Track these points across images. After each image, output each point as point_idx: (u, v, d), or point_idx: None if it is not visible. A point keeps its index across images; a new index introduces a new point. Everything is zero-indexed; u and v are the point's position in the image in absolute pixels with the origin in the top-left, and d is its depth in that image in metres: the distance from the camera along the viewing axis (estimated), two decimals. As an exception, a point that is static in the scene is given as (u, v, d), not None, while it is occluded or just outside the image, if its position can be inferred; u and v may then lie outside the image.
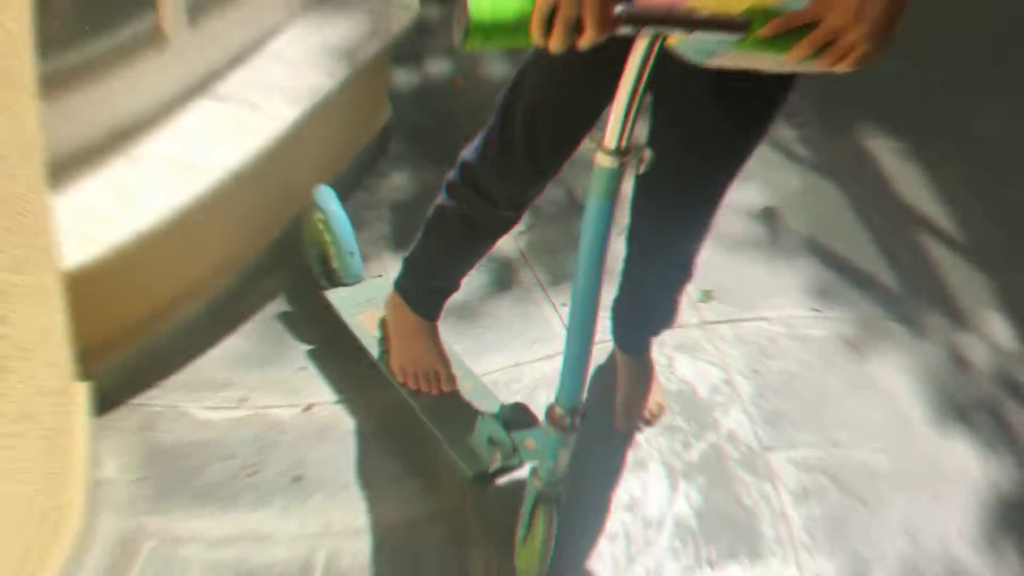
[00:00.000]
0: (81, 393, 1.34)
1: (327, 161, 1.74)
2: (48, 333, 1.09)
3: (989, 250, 1.95)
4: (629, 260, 1.34)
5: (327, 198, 1.55)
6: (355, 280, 1.58)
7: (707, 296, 1.65)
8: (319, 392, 1.47)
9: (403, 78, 2.07)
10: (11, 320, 0.88)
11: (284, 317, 1.58)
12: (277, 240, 1.64)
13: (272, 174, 1.51)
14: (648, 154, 0.97)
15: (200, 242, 1.46)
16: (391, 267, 1.56)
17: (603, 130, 0.95)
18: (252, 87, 1.51)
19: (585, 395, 1.10)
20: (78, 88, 1.27)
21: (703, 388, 1.49)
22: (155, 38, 1.37)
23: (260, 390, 1.46)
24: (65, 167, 1.27)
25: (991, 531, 1.45)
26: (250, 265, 1.60)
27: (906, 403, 1.59)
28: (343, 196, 1.61)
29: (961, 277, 1.88)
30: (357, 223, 1.61)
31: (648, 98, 0.97)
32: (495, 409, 1.40)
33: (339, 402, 1.46)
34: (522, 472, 1.31)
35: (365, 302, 1.56)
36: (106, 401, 1.42)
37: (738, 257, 1.74)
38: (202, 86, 1.47)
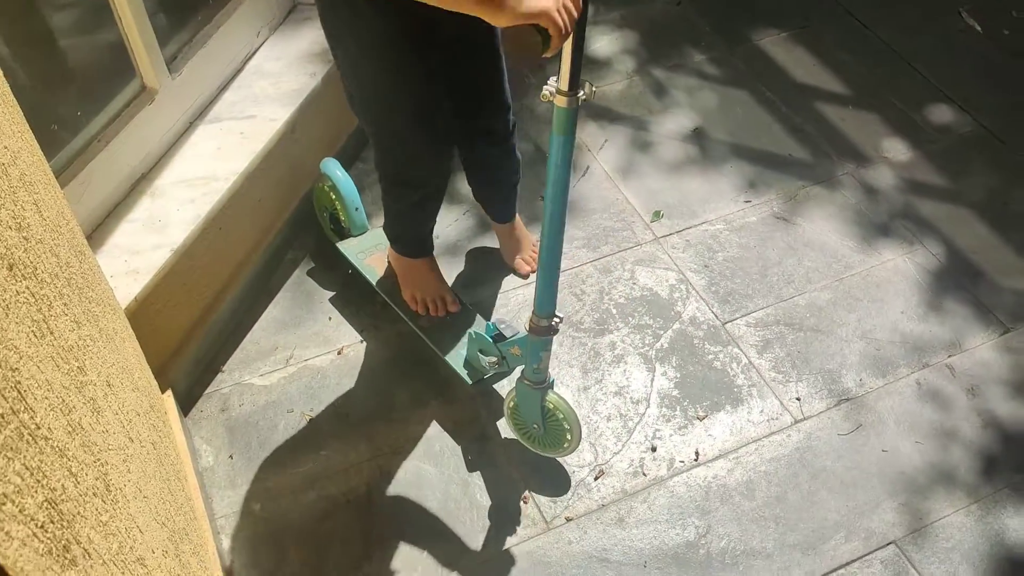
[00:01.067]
0: (167, 403, 1.54)
1: (326, 144, 1.99)
2: (125, 365, 1.21)
3: (869, 91, 2.36)
4: (463, 149, 1.71)
5: (332, 166, 1.83)
6: (362, 231, 1.89)
7: (657, 215, 2.09)
8: (347, 336, 1.82)
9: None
10: (89, 367, 0.94)
11: (308, 280, 1.91)
12: (291, 218, 1.91)
13: (279, 165, 1.78)
14: (591, 86, 1.21)
15: (228, 239, 1.70)
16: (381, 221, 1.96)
17: (557, 76, 1.19)
18: (243, 102, 1.77)
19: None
20: (89, 160, 1.49)
21: (663, 290, 1.93)
22: (145, 95, 1.60)
23: (300, 346, 1.80)
24: (97, 224, 1.54)
25: (929, 301, 1.90)
26: (273, 244, 1.87)
27: (836, 244, 2.03)
28: (345, 168, 1.98)
29: (855, 123, 2.29)
30: (359, 188, 1.99)
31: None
32: (483, 327, 1.66)
33: (362, 341, 1.81)
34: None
35: (372, 247, 1.88)
36: (188, 399, 1.69)
37: (678, 177, 2.18)
38: (198, 114, 1.73)
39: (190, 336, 1.67)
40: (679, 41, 2.50)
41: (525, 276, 1.93)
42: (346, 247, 1.88)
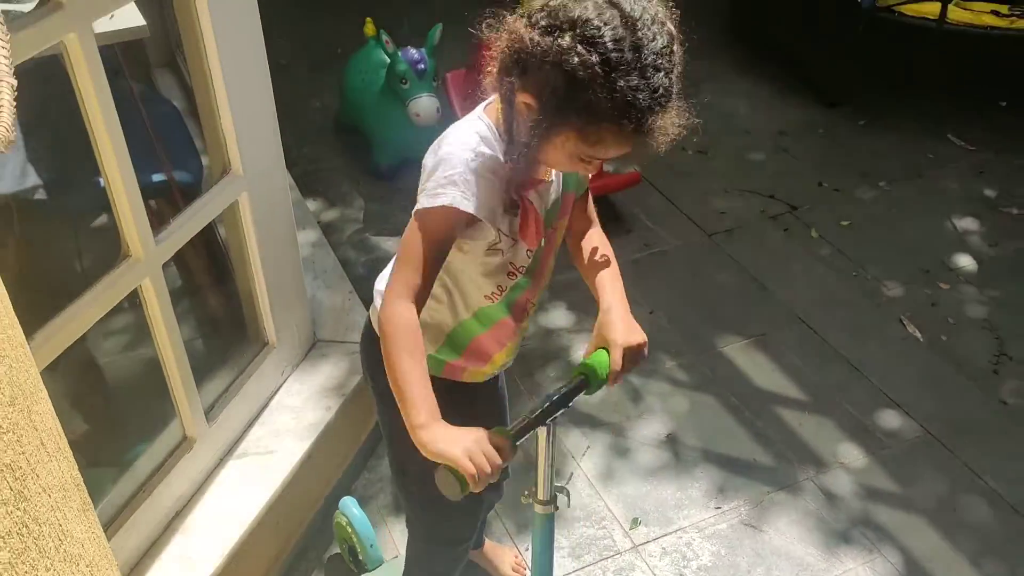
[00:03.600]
0: None
1: (338, 461, 2.20)
2: None
3: (824, 397, 2.62)
4: None
5: (349, 505, 2.02)
6: (377, 565, 2.05)
7: (635, 523, 2.27)
8: None
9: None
10: None
11: None
12: (305, 532, 2.10)
13: (295, 490, 1.96)
14: (568, 492, 1.36)
15: (249, 563, 1.85)
16: (393, 529, 2.18)
17: (535, 486, 1.34)
18: (267, 437, 1.99)
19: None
20: (134, 511, 1.68)
21: None
22: (185, 444, 1.82)
23: None
24: (133, 566, 1.69)
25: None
26: (288, 560, 2.04)
27: (801, 552, 2.21)
28: (353, 479, 2.21)
29: (813, 428, 2.54)
30: (366, 498, 2.22)
31: None
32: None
33: None
34: None
35: None
36: None
37: (655, 483, 2.39)
38: (227, 451, 1.93)
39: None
40: (653, 348, 2.78)
41: None
42: None
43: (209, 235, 2.22)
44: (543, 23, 1.19)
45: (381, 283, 1.57)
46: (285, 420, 2.06)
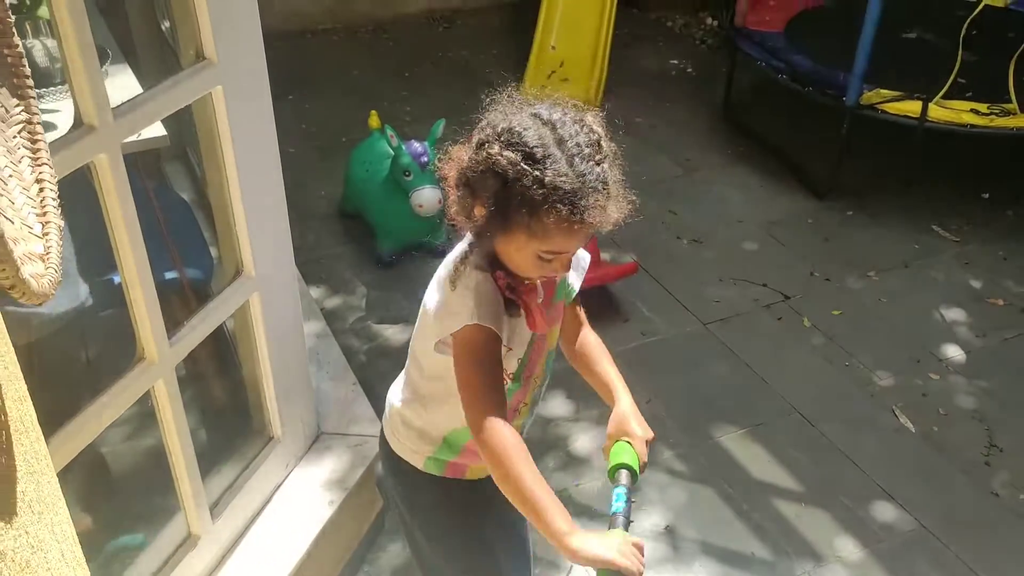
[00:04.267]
0: None
1: (339, 555, 2.20)
2: None
3: (819, 488, 2.65)
4: None
5: None
6: None
7: (639, 623, 2.29)
8: None
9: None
10: None
11: None
12: None
13: None
14: None
15: None
16: None
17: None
18: (268, 533, 2.00)
19: None
20: None
21: None
22: (189, 541, 1.83)
23: None
24: None
25: None
26: None
27: (799, 649, 2.21)
28: (353, 573, 2.20)
29: (809, 520, 2.56)
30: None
31: None
32: None
33: None
34: None
35: None
36: None
37: (655, 578, 2.41)
38: (229, 547, 1.93)
39: None
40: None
41: None
42: None
43: (217, 328, 2.28)
44: (476, 140, 1.36)
45: (394, 395, 1.63)
46: (288, 514, 2.07)
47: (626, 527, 1.39)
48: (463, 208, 1.38)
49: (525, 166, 1.29)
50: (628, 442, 1.51)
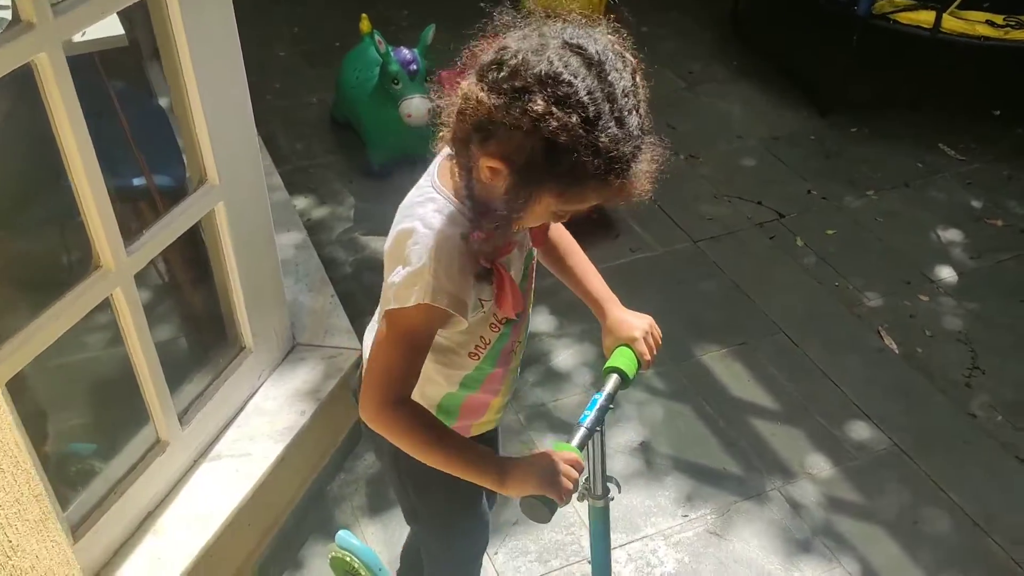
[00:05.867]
0: None
1: (313, 463, 2.24)
2: None
3: (797, 407, 2.65)
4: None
5: (346, 539, 2.01)
6: None
7: (606, 531, 2.33)
8: None
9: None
10: None
11: None
12: (278, 534, 2.13)
13: (269, 493, 2.00)
14: (618, 482, 1.47)
15: (221, 561, 1.91)
16: (368, 532, 2.22)
17: (590, 484, 1.44)
18: (242, 440, 2.02)
19: None
20: (105, 512, 1.72)
21: None
22: (158, 446, 1.85)
23: None
24: (103, 565, 1.74)
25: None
26: (261, 557, 2.07)
27: (762, 561, 2.25)
28: (330, 481, 2.26)
29: (784, 438, 2.57)
30: (342, 498, 2.27)
31: None
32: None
33: None
34: None
35: None
36: None
37: (625, 490, 2.41)
38: (202, 453, 1.97)
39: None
40: (631, 355, 2.85)
41: None
42: None
43: (194, 233, 2.26)
44: (505, 85, 1.11)
45: (370, 336, 1.50)
46: (260, 423, 2.10)
47: (586, 439, 1.36)
48: (464, 159, 1.19)
49: (581, 131, 1.09)
50: (628, 346, 1.50)
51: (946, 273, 3.17)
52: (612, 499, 1.53)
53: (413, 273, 1.21)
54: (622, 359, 1.51)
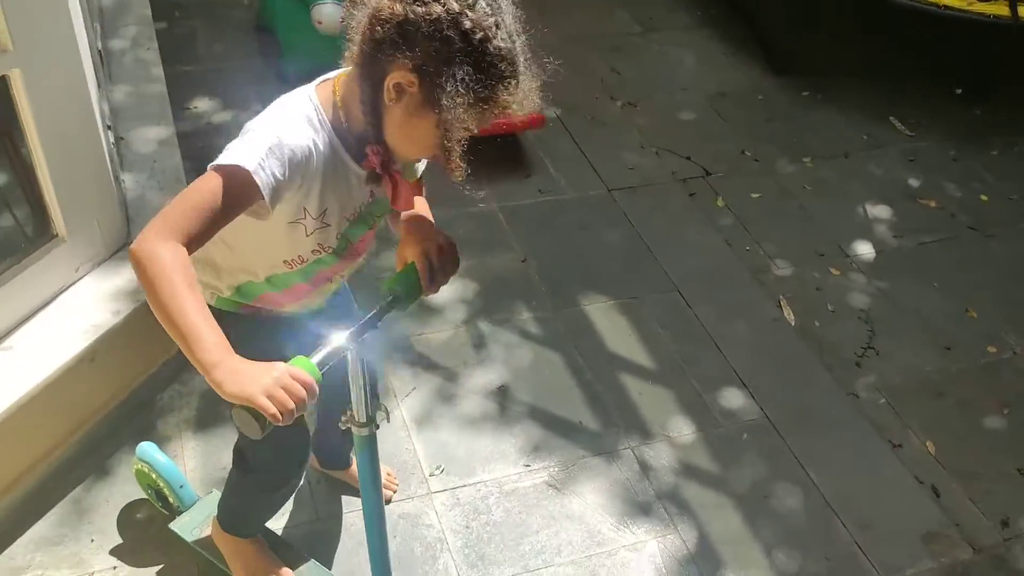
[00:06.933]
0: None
1: (138, 369, 2.14)
2: None
3: (673, 368, 2.51)
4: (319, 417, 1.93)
5: (148, 451, 1.93)
6: (191, 504, 1.96)
7: (438, 469, 2.21)
8: (102, 561, 1.89)
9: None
10: None
11: (88, 498, 2.00)
12: (84, 438, 2.03)
13: (68, 391, 1.90)
14: (387, 410, 1.40)
15: (3, 457, 1.83)
16: (189, 447, 2.12)
17: (351, 410, 1.35)
18: (38, 334, 1.90)
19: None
20: None
21: (418, 547, 2.01)
22: None
23: (52, 567, 1.86)
24: None
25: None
26: (63, 458, 1.98)
27: (596, 519, 2.13)
28: (160, 391, 2.18)
29: (651, 398, 2.44)
30: (169, 410, 2.18)
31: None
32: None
33: (115, 568, 1.88)
34: None
35: (204, 519, 1.94)
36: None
37: (471, 433, 2.30)
38: None
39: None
40: (513, 296, 2.70)
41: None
42: (180, 527, 1.93)
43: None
44: None
45: None
46: (67, 319, 1.97)
47: (331, 358, 1.20)
48: (372, 70, 1.20)
49: (493, 28, 1.16)
50: (415, 264, 1.36)
51: (864, 249, 3.01)
52: (378, 427, 1.41)
53: (250, 138, 1.21)
54: (403, 281, 1.37)
